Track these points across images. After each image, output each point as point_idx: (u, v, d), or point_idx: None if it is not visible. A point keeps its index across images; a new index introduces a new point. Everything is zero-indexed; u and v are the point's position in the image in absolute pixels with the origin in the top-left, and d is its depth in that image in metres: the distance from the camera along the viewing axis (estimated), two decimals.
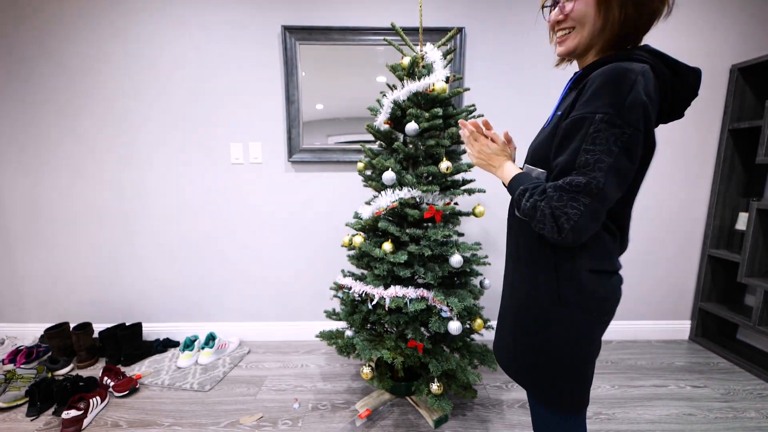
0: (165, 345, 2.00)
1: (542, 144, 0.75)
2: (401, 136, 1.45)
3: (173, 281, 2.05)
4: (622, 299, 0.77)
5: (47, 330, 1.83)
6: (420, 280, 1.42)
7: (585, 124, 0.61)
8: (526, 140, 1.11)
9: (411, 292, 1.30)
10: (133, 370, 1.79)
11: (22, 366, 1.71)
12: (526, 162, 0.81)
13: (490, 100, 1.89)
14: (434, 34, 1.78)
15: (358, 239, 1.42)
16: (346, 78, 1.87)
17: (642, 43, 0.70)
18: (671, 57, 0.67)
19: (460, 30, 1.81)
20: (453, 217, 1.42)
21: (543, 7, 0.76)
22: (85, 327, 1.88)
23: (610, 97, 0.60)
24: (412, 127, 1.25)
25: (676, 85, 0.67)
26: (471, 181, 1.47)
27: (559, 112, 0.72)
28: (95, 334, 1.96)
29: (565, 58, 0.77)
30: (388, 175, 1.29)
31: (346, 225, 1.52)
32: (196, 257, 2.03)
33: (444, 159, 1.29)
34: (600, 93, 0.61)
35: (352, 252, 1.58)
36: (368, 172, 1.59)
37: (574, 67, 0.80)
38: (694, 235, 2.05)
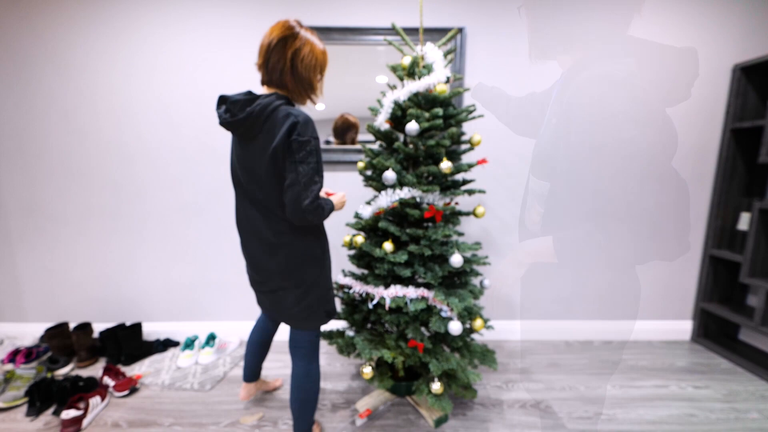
0: (165, 345, 2.00)
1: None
2: (401, 136, 1.45)
3: (173, 281, 2.05)
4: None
5: (47, 330, 1.83)
6: (420, 280, 1.42)
7: None
8: (525, 142, 1.12)
9: (411, 292, 1.29)
10: (133, 370, 1.79)
11: (21, 366, 1.71)
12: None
13: None
14: (434, 34, 1.78)
15: (359, 239, 1.42)
16: (346, 78, 1.87)
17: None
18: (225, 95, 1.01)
19: (460, 30, 1.80)
20: (453, 216, 1.42)
21: None
22: (85, 327, 1.88)
23: None
24: (412, 127, 1.25)
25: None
26: (471, 181, 1.47)
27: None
28: (95, 334, 1.96)
29: None
30: (389, 175, 1.29)
31: (347, 225, 1.51)
32: (197, 257, 2.03)
33: (444, 159, 1.29)
34: None
35: (352, 252, 1.58)
36: (368, 172, 1.59)
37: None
38: (695, 236, 2.04)
